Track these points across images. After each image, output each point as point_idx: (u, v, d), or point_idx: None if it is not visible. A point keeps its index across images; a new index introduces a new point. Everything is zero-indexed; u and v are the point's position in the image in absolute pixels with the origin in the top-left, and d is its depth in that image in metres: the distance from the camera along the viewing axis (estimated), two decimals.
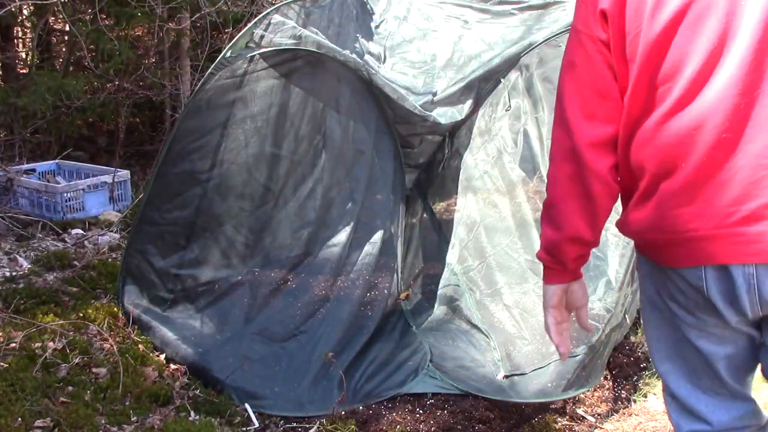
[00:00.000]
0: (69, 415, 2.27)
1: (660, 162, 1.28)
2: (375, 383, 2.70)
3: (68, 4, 5.20)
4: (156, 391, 2.52)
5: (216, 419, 2.45)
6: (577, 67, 1.38)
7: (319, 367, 2.68)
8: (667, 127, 1.26)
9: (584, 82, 1.37)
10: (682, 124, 1.24)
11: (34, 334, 2.69)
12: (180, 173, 2.79)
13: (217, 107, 2.76)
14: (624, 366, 2.98)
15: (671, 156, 1.26)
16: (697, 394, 1.45)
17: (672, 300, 1.38)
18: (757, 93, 1.20)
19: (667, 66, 1.25)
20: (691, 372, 1.44)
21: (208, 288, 2.82)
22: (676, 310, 1.38)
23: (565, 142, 1.39)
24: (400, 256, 3.15)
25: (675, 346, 1.44)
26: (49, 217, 4.09)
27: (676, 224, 1.28)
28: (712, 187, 1.24)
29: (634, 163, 1.33)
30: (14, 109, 4.86)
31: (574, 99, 1.38)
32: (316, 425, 2.47)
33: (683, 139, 1.24)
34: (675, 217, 1.28)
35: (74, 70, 5.54)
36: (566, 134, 1.38)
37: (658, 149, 1.28)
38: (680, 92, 1.24)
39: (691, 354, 1.41)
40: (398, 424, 2.52)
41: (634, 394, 2.84)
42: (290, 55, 2.77)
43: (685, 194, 1.26)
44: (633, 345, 3.08)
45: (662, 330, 1.46)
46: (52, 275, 3.39)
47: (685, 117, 1.24)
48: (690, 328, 1.38)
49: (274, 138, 2.89)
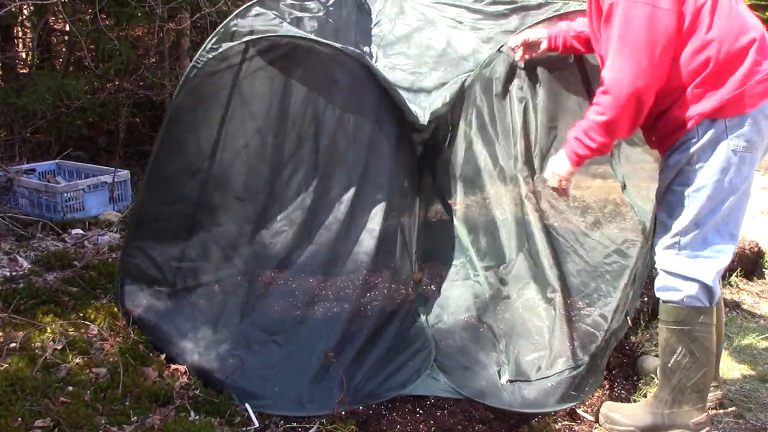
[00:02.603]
0: (69, 415, 2.27)
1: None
2: (376, 383, 2.69)
3: (68, 4, 5.20)
4: (156, 391, 2.52)
5: (216, 419, 2.45)
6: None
7: (319, 366, 2.68)
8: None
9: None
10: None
11: (34, 334, 2.69)
12: (175, 168, 2.77)
13: (210, 101, 2.73)
14: (624, 366, 2.98)
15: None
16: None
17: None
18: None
19: None
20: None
21: (207, 288, 2.82)
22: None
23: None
24: (415, 244, 3.12)
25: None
26: (49, 217, 4.09)
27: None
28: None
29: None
30: (14, 109, 4.86)
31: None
32: (316, 425, 2.47)
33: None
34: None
35: (74, 70, 5.53)
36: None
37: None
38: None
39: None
40: (398, 424, 2.52)
41: (634, 394, 2.84)
42: (280, 47, 2.73)
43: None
44: (633, 345, 3.08)
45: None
46: (52, 275, 3.39)
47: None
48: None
49: (275, 132, 2.87)
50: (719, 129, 2.28)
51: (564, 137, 2.59)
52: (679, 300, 2.41)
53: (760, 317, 3.71)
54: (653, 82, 2.24)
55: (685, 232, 2.37)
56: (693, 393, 2.46)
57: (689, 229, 2.36)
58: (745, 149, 2.29)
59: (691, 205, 2.35)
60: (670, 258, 2.42)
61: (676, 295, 2.42)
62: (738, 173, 2.31)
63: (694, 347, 2.42)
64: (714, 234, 2.36)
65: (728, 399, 2.83)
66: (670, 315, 2.45)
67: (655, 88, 2.26)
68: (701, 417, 2.47)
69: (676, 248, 2.40)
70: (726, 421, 2.70)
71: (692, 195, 2.34)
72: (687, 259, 2.39)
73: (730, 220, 2.37)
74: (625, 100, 2.24)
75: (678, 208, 2.38)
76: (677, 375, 2.45)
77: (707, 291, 2.40)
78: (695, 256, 2.38)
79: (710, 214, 2.34)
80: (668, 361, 2.46)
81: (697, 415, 2.47)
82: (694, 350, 2.42)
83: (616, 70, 2.25)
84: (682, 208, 2.37)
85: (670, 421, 2.49)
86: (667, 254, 2.43)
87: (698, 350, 2.42)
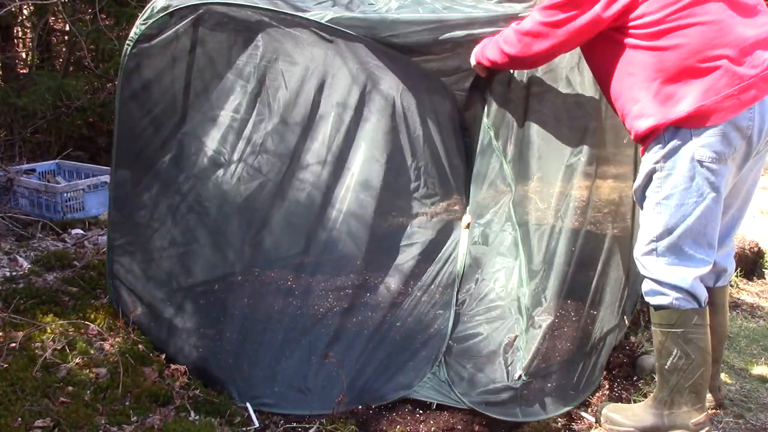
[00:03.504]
0: (69, 415, 2.27)
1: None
2: (378, 384, 2.68)
3: (68, 4, 5.20)
4: (156, 391, 2.52)
5: (216, 419, 2.46)
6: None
7: (320, 366, 2.68)
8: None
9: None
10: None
11: (34, 334, 2.69)
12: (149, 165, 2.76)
13: (165, 85, 2.71)
14: (624, 366, 2.98)
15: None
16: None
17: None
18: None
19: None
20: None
21: (207, 287, 2.82)
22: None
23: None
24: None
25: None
26: (49, 217, 4.09)
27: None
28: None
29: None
30: (14, 109, 4.86)
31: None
32: (316, 425, 2.47)
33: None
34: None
35: (74, 70, 5.53)
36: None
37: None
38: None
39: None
40: (398, 424, 2.52)
41: (634, 394, 2.84)
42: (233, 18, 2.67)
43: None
44: (633, 345, 3.08)
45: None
46: (52, 275, 3.39)
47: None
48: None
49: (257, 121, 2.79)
50: (684, 137, 2.28)
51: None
52: (668, 304, 2.41)
53: (760, 317, 3.72)
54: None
55: (659, 238, 2.39)
56: (691, 393, 2.46)
57: (663, 236, 2.37)
58: (712, 160, 2.27)
59: (662, 213, 2.36)
60: (650, 263, 2.43)
61: (663, 299, 2.42)
62: (706, 183, 2.29)
63: (689, 349, 2.42)
64: (691, 242, 2.36)
65: (728, 399, 2.84)
66: (662, 318, 2.45)
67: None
68: (701, 417, 2.47)
69: (654, 254, 2.41)
70: (726, 421, 2.70)
71: (662, 202, 2.36)
72: (665, 266, 2.40)
73: (708, 230, 2.36)
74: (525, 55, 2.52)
75: (651, 213, 2.40)
76: (674, 376, 2.45)
77: (691, 295, 2.40)
78: (672, 263, 2.39)
79: (681, 222, 2.34)
80: (665, 363, 2.47)
81: (697, 415, 2.47)
82: (689, 352, 2.42)
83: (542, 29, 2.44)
84: (654, 215, 2.38)
85: (670, 422, 2.49)
86: (647, 260, 2.44)
87: (693, 351, 2.42)
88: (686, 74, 2.25)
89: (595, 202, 2.93)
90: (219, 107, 2.76)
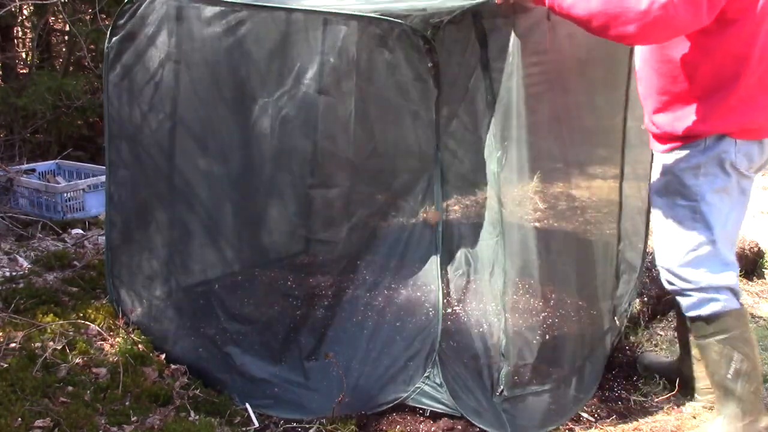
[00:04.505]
0: (69, 415, 2.27)
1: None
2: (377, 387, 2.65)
3: (68, 4, 5.20)
4: (156, 391, 2.52)
5: (216, 419, 2.46)
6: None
7: (319, 367, 2.67)
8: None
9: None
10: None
11: (34, 334, 2.69)
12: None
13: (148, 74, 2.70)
14: (624, 366, 2.98)
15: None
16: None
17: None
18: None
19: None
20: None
21: (207, 287, 2.82)
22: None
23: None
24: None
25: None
26: (49, 217, 4.09)
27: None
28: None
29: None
30: (14, 109, 4.86)
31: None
32: (316, 425, 2.47)
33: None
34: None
35: (74, 70, 5.54)
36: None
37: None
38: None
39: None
40: (398, 425, 2.52)
41: (634, 394, 2.84)
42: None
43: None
44: (633, 345, 3.08)
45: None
46: (52, 275, 3.39)
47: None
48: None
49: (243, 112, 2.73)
50: (728, 146, 2.26)
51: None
52: (721, 309, 2.36)
53: (760, 317, 3.71)
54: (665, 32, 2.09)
55: (699, 245, 2.33)
56: (757, 397, 2.40)
57: (704, 243, 2.33)
58: (748, 168, 2.31)
59: (700, 220, 2.31)
60: (692, 274, 2.36)
61: (715, 306, 2.36)
62: (742, 189, 2.32)
63: (748, 350, 2.37)
64: (729, 246, 2.37)
65: None
66: (716, 327, 2.37)
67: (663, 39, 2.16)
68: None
69: (695, 263, 2.35)
70: None
71: (701, 209, 2.31)
72: (710, 273, 2.35)
73: (735, 231, 2.40)
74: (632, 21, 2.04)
75: (687, 223, 2.33)
76: (739, 384, 2.38)
77: (736, 293, 2.39)
78: (715, 269, 2.35)
79: (721, 228, 2.32)
80: (726, 373, 2.38)
81: (766, 419, 2.41)
82: (748, 353, 2.37)
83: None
84: (691, 222, 2.33)
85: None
86: (687, 271, 2.37)
87: (751, 351, 2.38)
88: (751, 87, 2.22)
89: (588, 203, 2.92)
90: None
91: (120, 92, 2.75)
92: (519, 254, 2.78)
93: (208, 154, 2.74)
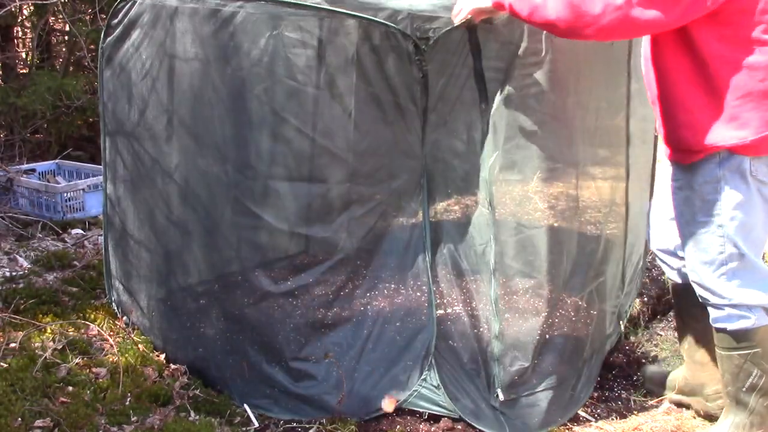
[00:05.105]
0: (69, 415, 2.27)
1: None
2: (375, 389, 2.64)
3: (68, 4, 5.20)
4: (156, 391, 2.52)
5: (216, 419, 2.46)
6: None
7: (319, 367, 2.67)
8: None
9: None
10: None
11: (34, 334, 2.69)
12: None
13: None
14: (624, 366, 2.98)
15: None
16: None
17: None
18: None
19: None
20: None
21: (206, 287, 2.82)
22: None
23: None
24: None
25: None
26: (49, 217, 4.10)
27: None
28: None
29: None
30: (14, 109, 4.86)
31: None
32: (316, 425, 2.47)
33: None
34: None
35: (74, 70, 5.54)
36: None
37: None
38: None
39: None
40: (398, 425, 2.52)
41: (634, 394, 2.84)
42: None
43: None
44: (633, 345, 3.08)
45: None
46: (52, 275, 3.39)
47: None
48: None
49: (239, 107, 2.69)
50: (743, 157, 2.20)
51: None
52: (752, 326, 2.30)
53: None
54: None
55: (729, 259, 2.27)
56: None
57: (733, 257, 2.26)
58: (765, 175, 2.22)
59: (727, 233, 2.24)
60: (723, 288, 2.30)
61: (746, 322, 2.30)
62: (762, 197, 2.24)
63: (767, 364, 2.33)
64: (756, 257, 2.30)
65: None
66: (741, 341, 2.32)
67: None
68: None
69: (726, 278, 2.29)
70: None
71: (725, 222, 2.24)
72: (741, 288, 2.29)
73: (762, 241, 2.33)
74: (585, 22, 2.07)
75: (713, 239, 2.27)
76: (754, 398, 2.35)
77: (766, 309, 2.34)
78: (747, 284, 2.29)
79: (747, 239, 2.26)
80: (741, 386, 2.35)
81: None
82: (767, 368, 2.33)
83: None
84: (716, 237, 2.26)
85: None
86: (719, 285, 2.30)
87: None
88: (760, 96, 2.13)
89: (592, 204, 2.92)
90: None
91: (115, 92, 2.76)
92: (518, 255, 2.78)
93: (206, 152, 2.73)
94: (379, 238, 2.88)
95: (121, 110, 2.77)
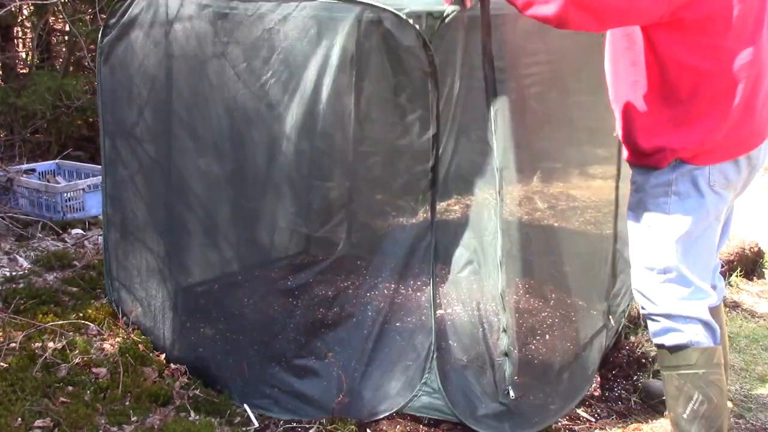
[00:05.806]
0: (69, 415, 2.27)
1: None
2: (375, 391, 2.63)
3: (68, 4, 5.20)
4: (156, 391, 2.52)
5: (216, 419, 2.46)
6: None
7: (319, 367, 2.67)
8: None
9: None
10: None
11: (34, 334, 2.69)
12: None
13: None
14: (624, 366, 2.98)
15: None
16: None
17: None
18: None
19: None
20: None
21: (206, 287, 2.82)
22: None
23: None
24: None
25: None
26: (49, 217, 4.10)
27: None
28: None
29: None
30: (14, 109, 4.86)
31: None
32: (316, 425, 2.47)
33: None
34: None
35: (74, 70, 5.54)
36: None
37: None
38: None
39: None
40: (398, 425, 2.52)
41: (634, 394, 2.84)
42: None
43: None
44: (633, 345, 3.08)
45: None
46: (52, 275, 3.39)
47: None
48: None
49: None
50: (696, 166, 2.14)
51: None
52: (687, 342, 2.19)
53: (760, 317, 3.71)
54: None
55: (668, 269, 2.19)
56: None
57: (673, 266, 2.18)
58: (723, 186, 2.16)
59: (670, 241, 2.16)
60: (659, 296, 2.22)
61: (680, 336, 2.20)
62: (715, 209, 2.18)
63: (711, 392, 2.19)
64: (699, 271, 2.21)
65: (728, 399, 2.83)
66: (679, 359, 2.21)
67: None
68: None
69: (663, 286, 2.20)
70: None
71: (670, 230, 2.16)
72: (678, 299, 2.19)
73: (710, 257, 2.27)
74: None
75: (657, 244, 2.19)
76: (696, 426, 2.20)
77: (709, 328, 2.21)
78: (684, 295, 2.19)
79: (691, 250, 2.17)
80: (683, 411, 2.21)
81: None
82: (711, 396, 2.18)
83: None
84: (660, 243, 2.18)
85: None
86: (654, 293, 2.22)
87: (716, 395, 2.19)
88: (712, 102, 2.08)
89: (588, 203, 2.92)
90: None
91: (114, 91, 2.76)
92: (518, 254, 2.79)
93: (205, 152, 2.74)
94: (379, 238, 2.89)
95: (119, 110, 2.78)
